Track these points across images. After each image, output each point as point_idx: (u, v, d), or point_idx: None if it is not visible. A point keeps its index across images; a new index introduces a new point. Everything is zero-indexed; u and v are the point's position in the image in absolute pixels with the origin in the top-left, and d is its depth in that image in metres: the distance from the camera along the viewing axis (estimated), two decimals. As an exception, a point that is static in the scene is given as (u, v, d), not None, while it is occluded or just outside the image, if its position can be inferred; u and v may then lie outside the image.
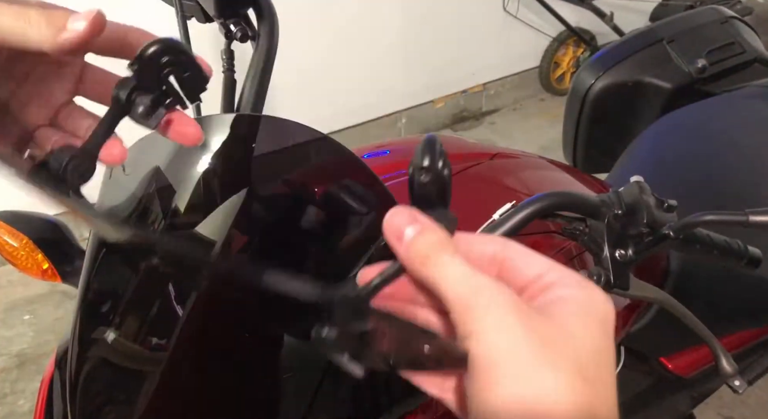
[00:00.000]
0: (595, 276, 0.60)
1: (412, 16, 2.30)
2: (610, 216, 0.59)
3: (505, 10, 2.52)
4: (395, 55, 2.36)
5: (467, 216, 0.72)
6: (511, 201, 0.70)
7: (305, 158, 0.51)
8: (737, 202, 0.90)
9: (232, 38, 0.69)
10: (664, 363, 0.91)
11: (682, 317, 0.69)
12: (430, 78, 2.53)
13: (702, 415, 1.46)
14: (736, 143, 0.99)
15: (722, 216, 0.56)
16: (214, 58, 1.29)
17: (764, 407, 1.50)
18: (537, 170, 0.88)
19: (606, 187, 0.90)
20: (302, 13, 2.01)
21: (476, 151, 0.88)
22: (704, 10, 1.28)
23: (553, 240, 0.71)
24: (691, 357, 0.91)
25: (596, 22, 2.53)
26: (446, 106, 2.67)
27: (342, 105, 2.34)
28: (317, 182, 0.49)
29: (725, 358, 0.73)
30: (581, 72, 1.21)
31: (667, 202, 0.60)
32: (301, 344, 0.46)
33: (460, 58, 2.54)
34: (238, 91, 0.70)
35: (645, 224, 0.58)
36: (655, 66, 1.18)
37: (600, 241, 0.61)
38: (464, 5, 2.41)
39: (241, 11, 0.70)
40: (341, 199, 0.48)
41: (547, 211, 0.58)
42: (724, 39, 1.21)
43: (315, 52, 2.13)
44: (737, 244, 0.64)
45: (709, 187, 0.96)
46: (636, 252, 0.60)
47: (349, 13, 2.14)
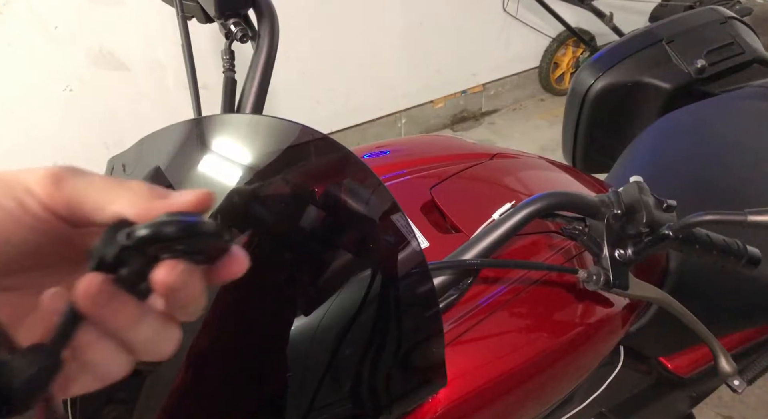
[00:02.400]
0: (594, 276, 0.60)
1: (412, 16, 2.30)
2: (610, 216, 0.59)
3: (505, 10, 2.52)
4: (395, 55, 2.36)
5: (467, 216, 0.72)
6: (511, 201, 0.71)
7: (304, 158, 0.51)
8: (736, 202, 0.90)
9: (232, 38, 0.70)
10: (664, 363, 0.91)
11: (681, 317, 0.69)
12: (430, 78, 2.53)
13: (701, 415, 1.46)
14: (736, 143, 0.99)
15: (721, 216, 0.56)
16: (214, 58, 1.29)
17: (764, 407, 1.50)
18: (537, 170, 0.88)
19: (606, 187, 0.90)
20: (302, 13, 2.01)
21: (476, 151, 0.88)
22: (703, 10, 1.28)
23: (552, 240, 0.71)
24: (690, 357, 0.91)
25: (596, 23, 2.53)
26: (446, 106, 2.67)
27: (342, 105, 2.34)
28: (317, 182, 0.49)
29: (724, 358, 0.73)
30: (581, 72, 1.21)
31: (667, 201, 0.60)
32: (302, 344, 0.46)
33: (460, 58, 2.54)
34: (238, 91, 0.70)
35: (644, 224, 0.58)
36: (655, 66, 1.18)
37: (599, 241, 0.61)
38: (464, 6, 2.41)
39: (241, 11, 0.70)
40: (341, 199, 0.49)
41: (546, 211, 0.58)
42: (723, 39, 1.21)
43: (315, 52, 2.14)
44: (736, 244, 0.64)
45: (708, 187, 0.96)
46: (635, 252, 0.60)
47: (349, 13, 2.14)
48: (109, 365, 0.25)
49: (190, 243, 0.23)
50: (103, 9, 1.69)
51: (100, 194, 0.25)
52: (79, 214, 0.25)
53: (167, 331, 0.26)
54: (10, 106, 1.68)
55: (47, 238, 0.25)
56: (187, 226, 0.22)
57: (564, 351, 0.65)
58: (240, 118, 0.54)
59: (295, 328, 0.46)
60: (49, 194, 0.25)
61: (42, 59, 1.66)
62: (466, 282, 0.60)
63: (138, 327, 0.24)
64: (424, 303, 0.48)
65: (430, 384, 0.51)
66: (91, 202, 0.25)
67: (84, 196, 0.25)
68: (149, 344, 0.25)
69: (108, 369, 0.25)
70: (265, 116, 0.52)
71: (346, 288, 0.47)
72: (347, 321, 0.46)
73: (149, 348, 0.25)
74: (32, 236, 0.25)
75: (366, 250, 0.48)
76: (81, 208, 0.25)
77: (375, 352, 0.47)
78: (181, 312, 0.26)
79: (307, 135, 0.50)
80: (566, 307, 0.68)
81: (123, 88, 1.83)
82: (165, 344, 0.26)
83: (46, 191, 0.25)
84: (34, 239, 0.25)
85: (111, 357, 0.25)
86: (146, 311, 0.25)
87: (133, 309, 0.24)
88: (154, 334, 0.25)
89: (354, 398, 0.47)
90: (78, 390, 0.25)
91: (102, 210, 0.25)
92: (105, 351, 0.24)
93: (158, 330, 0.25)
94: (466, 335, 0.60)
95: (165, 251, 0.23)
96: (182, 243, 0.23)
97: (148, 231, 0.22)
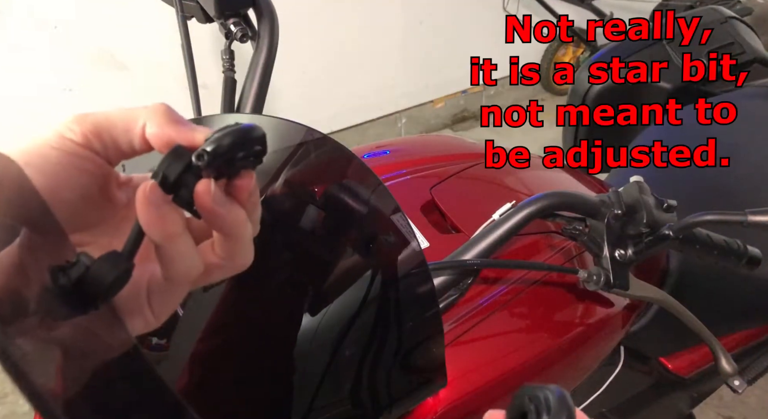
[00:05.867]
0: (594, 276, 0.60)
1: (412, 16, 2.30)
2: (610, 216, 0.59)
3: (505, 10, 2.52)
4: (395, 55, 2.36)
5: (467, 216, 0.72)
6: (511, 201, 0.70)
7: (305, 158, 0.51)
8: (737, 202, 0.90)
9: (232, 38, 0.70)
10: (664, 363, 0.91)
11: (681, 317, 0.69)
12: (430, 78, 2.53)
13: (702, 415, 1.46)
14: (736, 143, 0.99)
15: (722, 216, 0.56)
16: (214, 58, 1.29)
17: (764, 407, 1.50)
18: (537, 170, 0.88)
19: (606, 187, 0.90)
20: (302, 13, 2.01)
21: (476, 151, 0.88)
22: (704, 10, 1.28)
23: (552, 240, 0.71)
24: (691, 357, 0.91)
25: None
26: (446, 106, 2.67)
27: (342, 105, 2.34)
28: (317, 182, 0.49)
29: (725, 358, 0.73)
30: (581, 72, 1.21)
31: (667, 201, 0.60)
32: (302, 344, 0.46)
33: (460, 58, 2.54)
34: (238, 91, 0.70)
35: (645, 224, 0.58)
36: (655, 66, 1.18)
37: (600, 241, 0.61)
38: (464, 5, 2.41)
39: (241, 11, 0.70)
40: (341, 199, 0.49)
41: (546, 211, 0.58)
42: (723, 39, 1.21)
43: (315, 52, 2.13)
44: (737, 244, 0.64)
45: (708, 187, 0.96)
46: (636, 252, 0.60)
47: (349, 13, 2.14)
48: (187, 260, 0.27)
49: (248, 148, 0.25)
50: (103, 9, 1.69)
51: (122, 118, 0.27)
52: (110, 143, 0.27)
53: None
54: (10, 105, 1.68)
55: (94, 180, 0.28)
56: (243, 131, 0.25)
57: (564, 351, 0.65)
58: (240, 118, 0.54)
59: (296, 328, 0.46)
60: (79, 132, 0.27)
61: (42, 59, 1.66)
62: (466, 282, 0.60)
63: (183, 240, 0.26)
64: (424, 303, 0.47)
65: (430, 384, 0.51)
66: (117, 126, 0.27)
67: (107, 121, 0.27)
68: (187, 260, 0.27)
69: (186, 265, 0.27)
70: (265, 116, 0.52)
71: (346, 289, 0.46)
72: (347, 321, 0.46)
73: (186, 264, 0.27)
74: (83, 178, 0.27)
75: (366, 250, 0.48)
76: (110, 134, 0.27)
77: (375, 352, 0.47)
78: (254, 221, 0.29)
79: (307, 135, 0.50)
80: (566, 307, 0.68)
81: (123, 88, 1.83)
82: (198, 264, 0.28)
83: (74, 131, 0.27)
84: (85, 181, 0.27)
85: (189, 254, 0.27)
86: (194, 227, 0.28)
87: (183, 221, 0.26)
88: (191, 250, 0.27)
89: (354, 398, 0.47)
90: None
91: (129, 132, 0.27)
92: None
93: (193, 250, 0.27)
94: (466, 335, 0.60)
95: (229, 165, 0.25)
96: (243, 149, 0.25)
97: (216, 144, 0.24)
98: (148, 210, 0.24)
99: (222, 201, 0.26)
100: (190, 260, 0.27)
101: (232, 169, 0.26)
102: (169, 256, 0.26)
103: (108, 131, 0.27)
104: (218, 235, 0.28)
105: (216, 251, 0.29)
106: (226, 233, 0.28)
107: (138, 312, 0.28)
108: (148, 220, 0.25)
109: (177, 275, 0.27)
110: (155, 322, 0.29)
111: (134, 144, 0.27)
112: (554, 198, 0.58)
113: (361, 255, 0.48)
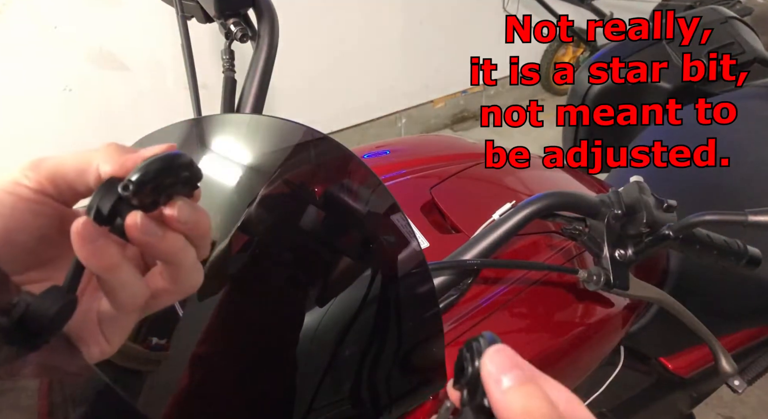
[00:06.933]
0: (594, 276, 0.60)
1: (412, 16, 2.30)
2: (610, 216, 0.59)
3: (505, 10, 2.52)
4: (395, 55, 2.36)
5: (467, 216, 0.72)
6: (511, 201, 0.70)
7: (305, 158, 0.51)
8: (737, 202, 0.90)
9: (232, 38, 0.70)
10: (664, 363, 0.91)
11: (682, 317, 0.69)
12: (430, 78, 2.53)
13: (702, 415, 1.46)
14: (736, 143, 0.99)
15: (722, 216, 0.56)
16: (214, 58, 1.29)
17: (764, 407, 1.50)
18: (537, 170, 0.88)
19: (606, 187, 0.90)
20: (302, 13, 2.01)
21: (476, 151, 0.88)
22: (704, 10, 1.28)
23: (552, 240, 0.71)
24: (691, 357, 0.91)
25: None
26: (446, 106, 2.67)
27: (342, 105, 2.33)
28: (317, 182, 0.49)
29: (725, 358, 0.73)
30: (581, 72, 1.21)
31: (667, 201, 0.60)
32: (302, 344, 0.46)
33: (460, 58, 2.54)
34: (238, 91, 0.70)
35: (645, 224, 0.58)
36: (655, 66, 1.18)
37: (600, 241, 0.61)
38: (464, 5, 2.41)
39: (241, 11, 0.70)
40: (341, 199, 0.49)
41: (546, 211, 0.58)
42: (723, 39, 1.21)
43: (315, 52, 2.13)
44: (737, 244, 0.64)
45: (708, 187, 0.96)
46: (636, 252, 0.60)
47: (349, 13, 2.14)
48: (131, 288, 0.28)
49: (175, 174, 0.26)
50: (103, 9, 1.69)
51: (76, 162, 0.28)
52: (64, 186, 0.28)
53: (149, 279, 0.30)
54: (10, 105, 1.67)
55: (50, 221, 0.29)
56: (167, 158, 0.25)
57: (564, 351, 0.65)
58: (240, 118, 0.54)
59: (295, 328, 0.46)
60: (33, 178, 0.28)
61: (42, 59, 1.66)
62: (466, 282, 0.60)
63: (123, 270, 0.27)
64: (424, 303, 0.47)
65: (430, 384, 0.51)
66: (70, 171, 0.28)
67: (62, 167, 0.28)
68: (128, 287, 0.28)
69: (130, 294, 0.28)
70: (265, 116, 0.52)
71: (346, 289, 0.46)
72: (348, 321, 0.46)
73: (128, 291, 0.28)
74: (37, 220, 0.28)
75: (366, 250, 0.48)
76: (64, 179, 0.28)
77: (375, 352, 0.47)
78: (197, 245, 0.29)
79: (307, 135, 0.50)
80: (566, 307, 0.68)
81: (123, 88, 1.83)
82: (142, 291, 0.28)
83: (29, 177, 0.28)
84: (40, 223, 0.28)
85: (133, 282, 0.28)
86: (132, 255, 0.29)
87: (120, 252, 0.27)
88: (134, 279, 0.28)
89: (354, 398, 0.47)
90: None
91: (83, 175, 0.28)
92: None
93: (137, 276, 0.28)
94: (466, 335, 0.60)
95: (158, 192, 0.25)
96: (170, 175, 0.25)
97: (140, 173, 0.24)
98: (83, 245, 0.25)
99: (152, 230, 0.26)
100: (133, 288, 0.27)
101: (165, 197, 0.26)
102: (111, 286, 0.27)
103: (62, 176, 0.28)
104: (159, 262, 0.29)
105: (163, 276, 0.29)
106: (163, 260, 0.28)
107: (93, 341, 0.29)
108: (85, 255, 0.25)
109: (123, 303, 0.28)
110: (110, 349, 0.30)
111: (90, 185, 0.28)
112: (554, 198, 0.58)
113: (361, 255, 0.48)
